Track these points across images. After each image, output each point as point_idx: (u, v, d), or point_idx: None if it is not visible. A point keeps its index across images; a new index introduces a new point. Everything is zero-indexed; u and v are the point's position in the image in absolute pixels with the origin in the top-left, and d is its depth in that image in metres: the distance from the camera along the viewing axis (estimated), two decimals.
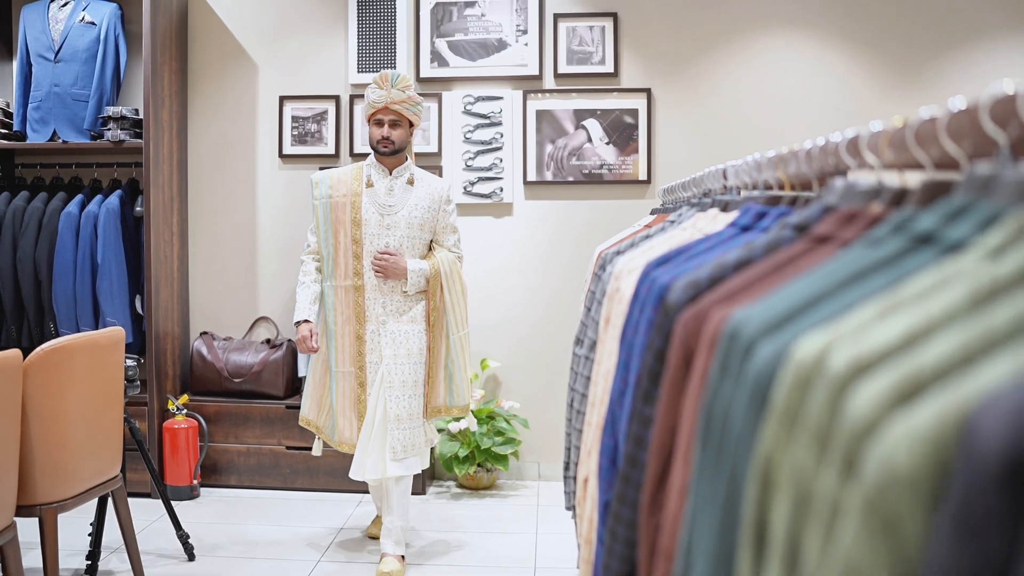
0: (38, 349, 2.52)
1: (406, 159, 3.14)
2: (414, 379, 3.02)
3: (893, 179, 1.03)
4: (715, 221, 1.57)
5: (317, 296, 3.09)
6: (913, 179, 0.93)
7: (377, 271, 3.00)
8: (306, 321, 3.07)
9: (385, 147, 3.04)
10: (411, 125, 3.10)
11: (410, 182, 3.10)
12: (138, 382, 3.14)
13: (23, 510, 2.49)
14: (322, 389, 3.13)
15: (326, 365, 3.11)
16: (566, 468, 2.14)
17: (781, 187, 1.49)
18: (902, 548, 0.47)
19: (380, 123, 3.05)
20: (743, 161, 1.66)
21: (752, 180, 1.61)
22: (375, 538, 3.36)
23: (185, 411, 3.93)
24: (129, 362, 3.11)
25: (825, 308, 0.73)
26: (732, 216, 1.47)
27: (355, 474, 2.99)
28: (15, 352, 2.35)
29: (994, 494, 0.39)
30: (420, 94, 4.18)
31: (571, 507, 2.04)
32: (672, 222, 2.01)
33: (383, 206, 3.05)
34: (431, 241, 3.14)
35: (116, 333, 2.84)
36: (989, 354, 0.50)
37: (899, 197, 0.89)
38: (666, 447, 1.03)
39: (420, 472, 3.19)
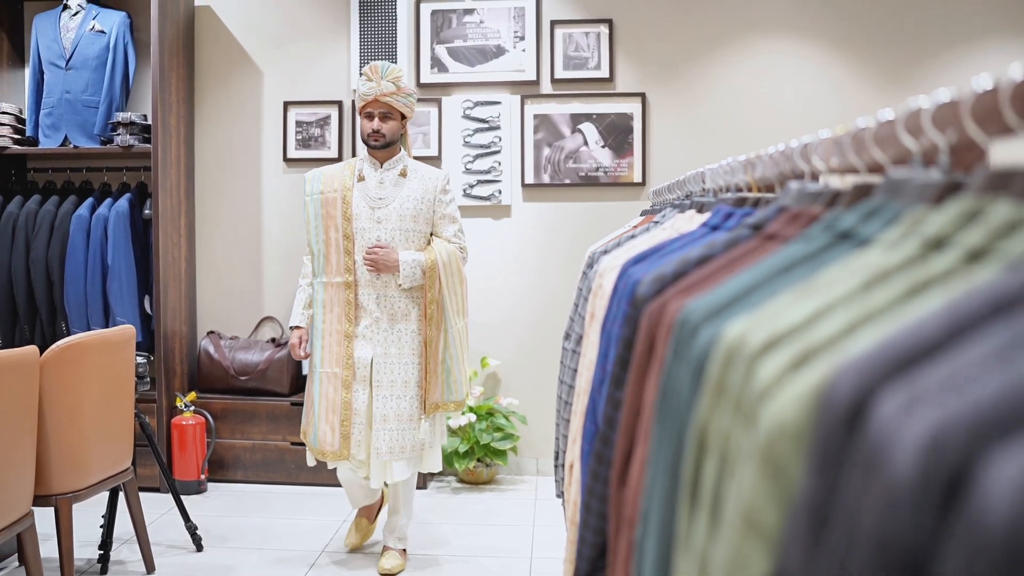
0: (54, 346, 2.63)
1: (399, 151, 3.06)
2: (403, 379, 2.95)
3: (842, 182, 1.13)
4: (691, 221, 1.68)
5: (311, 300, 3.05)
6: (849, 182, 1.03)
7: (368, 266, 2.92)
8: (298, 327, 3.06)
9: (376, 140, 2.97)
10: (403, 118, 3.02)
11: (402, 174, 3.02)
12: (148, 379, 3.25)
13: (40, 500, 2.60)
14: (309, 393, 3.04)
15: (311, 367, 3.03)
16: (556, 457, 2.25)
17: (750, 189, 1.59)
18: (788, 487, 0.57)
19: (371, 116, 2.97)
20: (718, 165, 1.77)
21: (726, 183, 1.72)
22: (357, 550, 3.29)
23: (193, 408, 4.04)
24: (139, 359, 3.22)
25: (756, 296, 0.83)
26: (705, 217, 1.58)
27: (377, 483, 2.97)
28: (32, 349, 2.47)
29: (840, 436, 0.49)
30: (420, 99, 4.34)
31: (560, 493, 2.14)
32: (656, 223, 2.12)
33: (373, 199, 2.98)
34: (431, 234, 3.06)
35: (127, 331, 2.95)
36: (863, 329, 0.60)
37: (834, 198, 0.99)
38: (632, 426, 1.13)
39: (422, 471, 3.16)
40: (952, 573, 0.32)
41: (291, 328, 3.10)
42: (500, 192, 4.28)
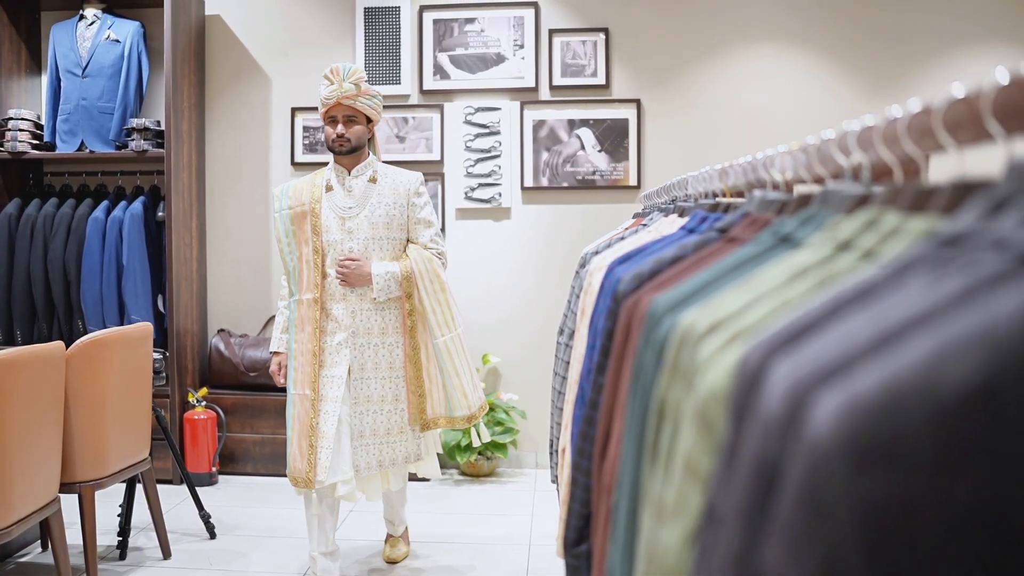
0: (78, 341, 2.79)
1: (367, 156, 2.89)
2: (380, 395, 2.80)
3: (797, 191, 1.28)
4: (672, 224, 1.83)
5: (289, 321, 2.88)
6: (800, 191, 1.18)
7: (340, 279, 2.76)
8: (277, 353, 2.91)
9: (341, 146, 2.80)
10: (369, 121, 2.85)
11: (372, 180, 2.85)
12: (164, 374, 3.41)
13: (64, 487, 2.76)
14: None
15: (287, 389, 2.86)
16: (551, 444, 2.40)
17: (725, 195, 1.75)
18: (716, 439, 0.72)
19: (334, 121, 2.80)
20: (698, 173, 1.92)
21: (704, 189, 1.87)
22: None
23: (204, 403, 4.19)
24: (156, 355, 3.37)
25: (710, 290, 0.99)
26: (684, 220, 1.73)
27: (371, 496, 2.86)
28: (58, 344, 2.62)
29: (746, 395, 0.64)
30: (423, 105, 4.50)
31: (555, 479, 2.29)
32: (644, 225, 2.27)
33: (342, 208, 2.81)
34: (407, 240, 2.90)
35: (145, 328, 3.11)
36: (780, 315, 0.75)
37: (783, 206, 1.14)
38: (611, 406, 1.28)
39: (420, 475, 3.09)
40: (792, 471, 0.47)
41: (271, 354, 2.94)
42: (500, 195, 4.44)
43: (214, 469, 4.17)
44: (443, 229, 4.47)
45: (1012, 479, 0.39)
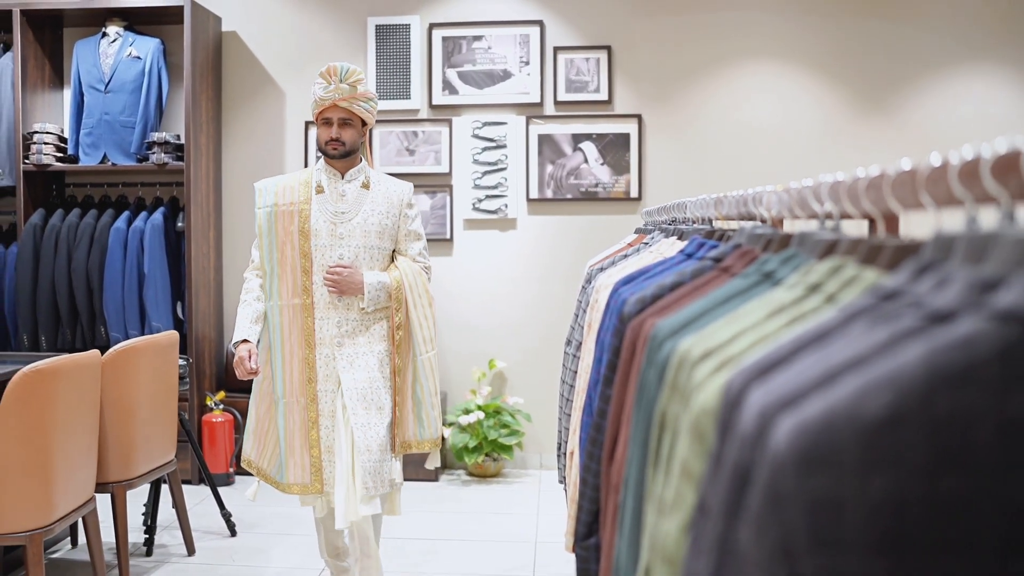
0: (112, 349, 2.96)
1: (360, 161, 2.77)
2: (378, 405, 2.65)
3: (780, 228, 1.45)
4: (672, 247, 2.00)
5: (260, 316, 2.70)
6: (786, 229, 1.35)
7: (330, 287, 2.63)
8: (245, 341, 2.65)
9: (334, 149, 2.68)
10: (364, 124, 2.74)
11: (365, 186, 2.73)
12: (188, 379, 3.57)
13: (97, 487, 2.92)
14: (267, 424, 2.73)
15: (271, 397, 2.70)
16: (558, 448, 2.57)
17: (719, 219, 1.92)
18: (706, 447, 0.89)
19: (328, 122, 2.68)
20: (696, 199, 2.09)
21: (702, 215, 2.04)
22: None
23: (222, 406, 4.36)
24: (181, 361, 3.54)
25: (704, 320, 1.15)
26: (683, 244, 1.90)
27: (342, 523, 2.59)
28: (95, 352, 2.79)
29: (729, 413, 0.81)
30: (432, 120, 4.67)
31: (562, 480, 2.46)
32: (646, 243, 2.44)
33: (335, 213, 2.69)
34: (392, 251, 2.79)
35: (172, 336, 3.28)
36: (759, 347, 0.92)
37: (768, 243, 1.31)
38: (618, 415, 1.45)
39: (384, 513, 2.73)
40: (759, 473, 0.64)
41: (235, 344, 2.67)
42: (507, 206, 4.61)
43: (231, 470, 4.34)
44: (451, 239, 4.64)
45: (910, 482, 0.56)
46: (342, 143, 2.68)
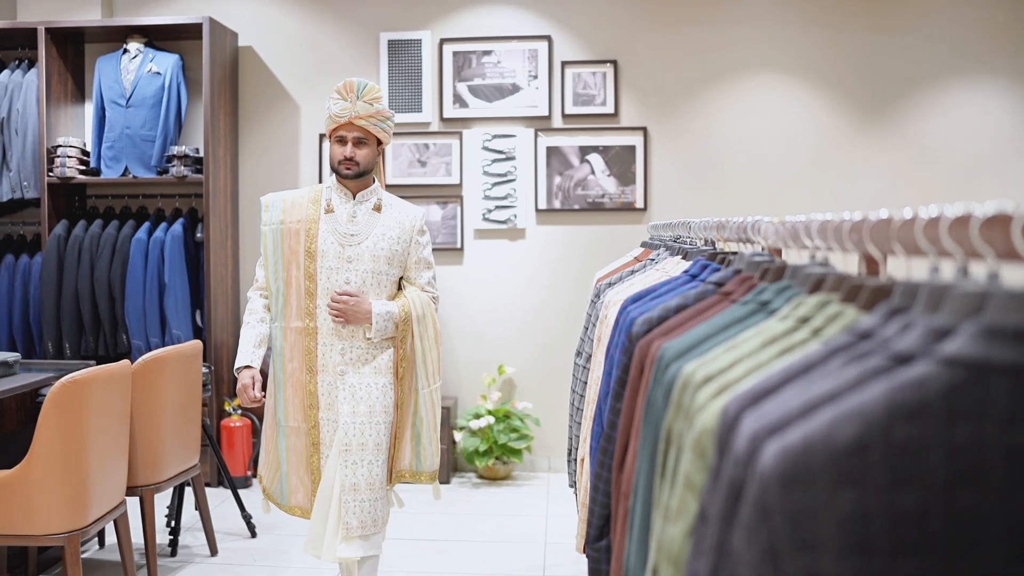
0: (141, 359, 3.09)
1: (372, 182, 2.66)
2: (376, 442, 2.55)
3: (778, 256, 1.58)
4: (677, 266, 2.13)
5: (264, 339, 2.63)
6: (784, 259, 1.48)
7: (336, 315, 2.53)
8: (248, 367, 2.59)
9: (348, 168, 2.57)
10: (379, 143, 2.63)
11: (376, 208, 2.63)
12: (210, 386, 3.71)
13: (127, 490, 3.06)
14: (271, 447, 2.66)
15: (275, 420, 2.65)
16: (569, 453, 2.70)
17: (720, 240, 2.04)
18: (706, 464, 1.01)
19: (343, 140, 2.57)
20: (700, 221, 2.21)
21: (705, 236, 2.16)
22: None
23: (240, 412, 4.50)
24: (203, 369, 3.68)
25: (706, 345, 1.28)
26: (687, 265, 2.02)
27: (310, 549, 2.53)
28: (125, 362, 2.93)
29: (727, 435, 0.93)
30: (443, 132, 4.80)
31: (572, 484, 2.59)
32: (652, 259, 2.57)
33: (344, 235, 2.58)
34: (400, 278, 2.68)
35: (196, 345, 3.41)
36: (755, 374, 1.04)
37: (765, 272, 1.43)
38: (627, 428, 1.58)
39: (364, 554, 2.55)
40: (749, 489, 0.76)
41: (237, 370, 2.62)
42: (516, 216, 4.74)
43: (249, 473, 4.47)
44: (462, 248, 4.77)
45: (872, 497, 0.69)
46: (356, 163, 2.58)
